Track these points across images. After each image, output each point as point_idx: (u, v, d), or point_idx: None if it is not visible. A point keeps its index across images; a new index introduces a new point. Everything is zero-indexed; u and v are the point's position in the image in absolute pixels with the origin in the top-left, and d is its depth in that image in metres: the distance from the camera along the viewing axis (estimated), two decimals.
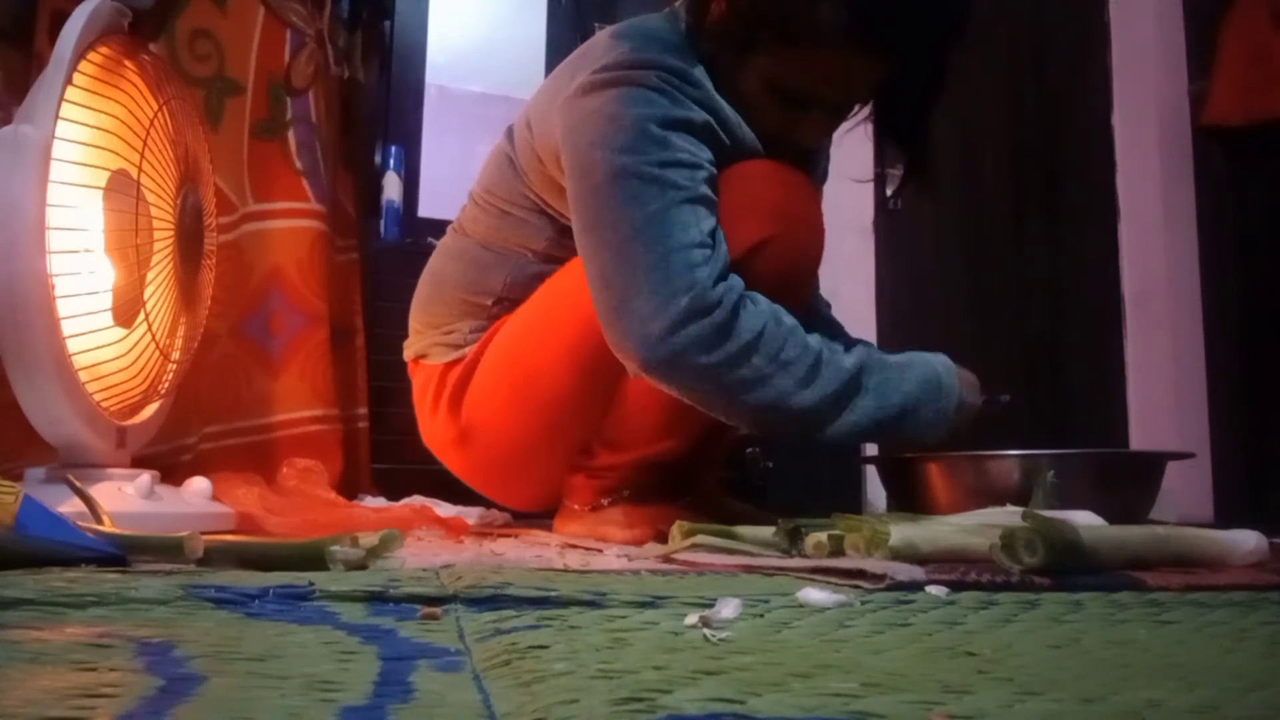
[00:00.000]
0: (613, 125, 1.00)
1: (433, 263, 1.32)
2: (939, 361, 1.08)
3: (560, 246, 1.17)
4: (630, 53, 1.04)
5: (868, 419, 1.01)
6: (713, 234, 0.98)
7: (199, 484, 1.21)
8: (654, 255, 0.95)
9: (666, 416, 1.11)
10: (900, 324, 2.45)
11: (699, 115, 1.02)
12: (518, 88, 2.55)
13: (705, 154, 1.01)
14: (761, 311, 0.98)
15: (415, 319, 1.31)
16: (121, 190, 1.10)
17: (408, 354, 1.31)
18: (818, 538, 0.81)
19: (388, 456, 1.93)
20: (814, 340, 1.00)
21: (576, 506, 1.19)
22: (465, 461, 1.26)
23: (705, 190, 0.99)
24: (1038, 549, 0.69)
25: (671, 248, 0.95)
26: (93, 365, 1.08)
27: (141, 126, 1.12)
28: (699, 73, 1.04)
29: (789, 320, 1.00)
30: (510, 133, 1.23)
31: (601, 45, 1.08)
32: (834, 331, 1.29)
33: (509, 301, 1.21)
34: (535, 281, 1.19)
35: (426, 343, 1.27)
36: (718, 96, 1.05)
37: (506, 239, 1.22)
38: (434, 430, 1.27)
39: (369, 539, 0.75)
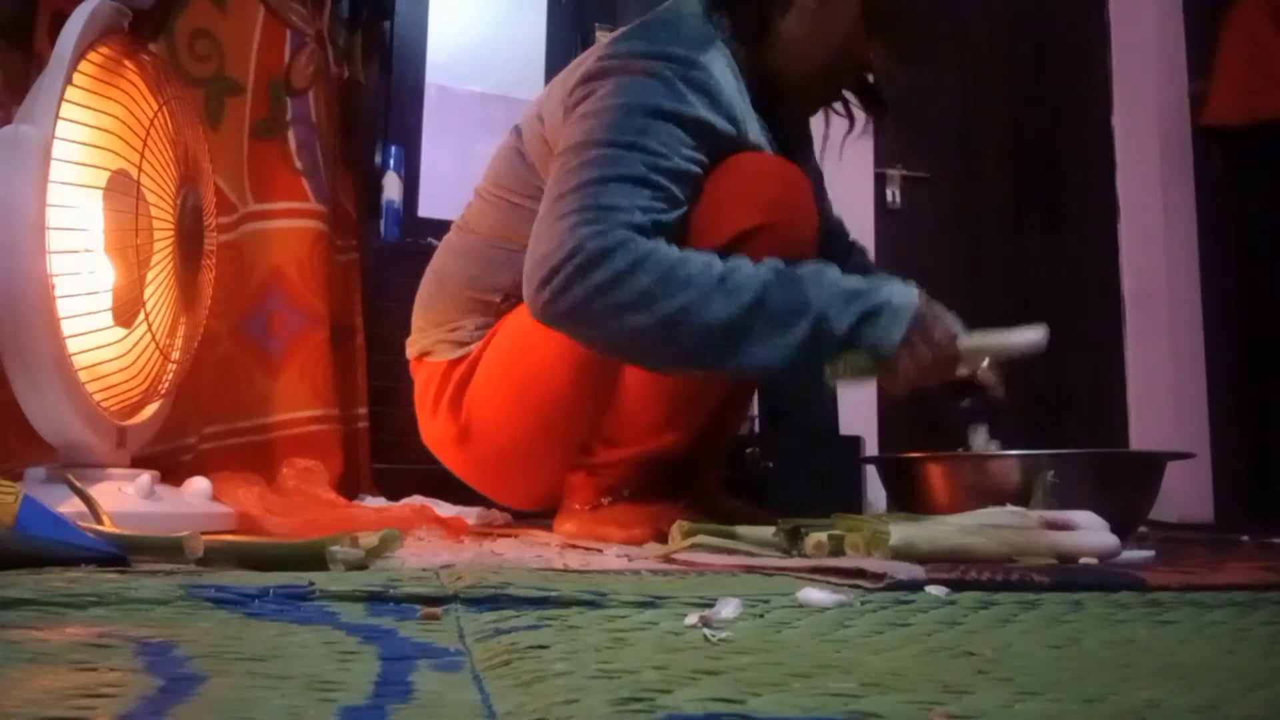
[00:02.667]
0: (601, 105, 1.04)
1: (436, 260, 1.32)
2: (898, 287, 1.02)
3: None
4: (638, 41, 1.08)
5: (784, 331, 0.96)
6: (647, 213, 0.98)
7: (199, 484, 1.21)
8: (569, 210, 0.98)
9: (663, 410, 1.12)
10: None
11: (690, 110, 1.04)
12: (518, 88, 2.55)
13: (683, 147, 1.03)
14: (652, 246, 0.97)
15: (419, 317, 1.30)
16: (121, 190, 1.10)
17: (410, 352, 1.31)
18: (818, 538, 0.81)
19: (388, 456, 1.92)
20: (724, 262, 0.98)
21: (577, 506, 1.19)
22: (464, 460, 1.26)
23: (659, 179, 1.00)
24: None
25: (588, 206, 0.97)
26: (93, 365, 1.08)
27: (141, 126, 1.12)
28: (710, 56, 1.07)
29: (695, 255, 0.98)
30: (518, 130, 1.24)
31: (618, 34, 1.13)
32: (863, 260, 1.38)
33: (517, 298, 1.20)
34: None
35: (430, 340, 1.27)
36: (723, 78, 1.07)
37: (515, 233, 1.22)
38: (434, 429, 1.27)
39: (369, 539, 0.75)
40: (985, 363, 1.07)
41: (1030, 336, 1.06)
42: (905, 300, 1.01)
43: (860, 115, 1.34)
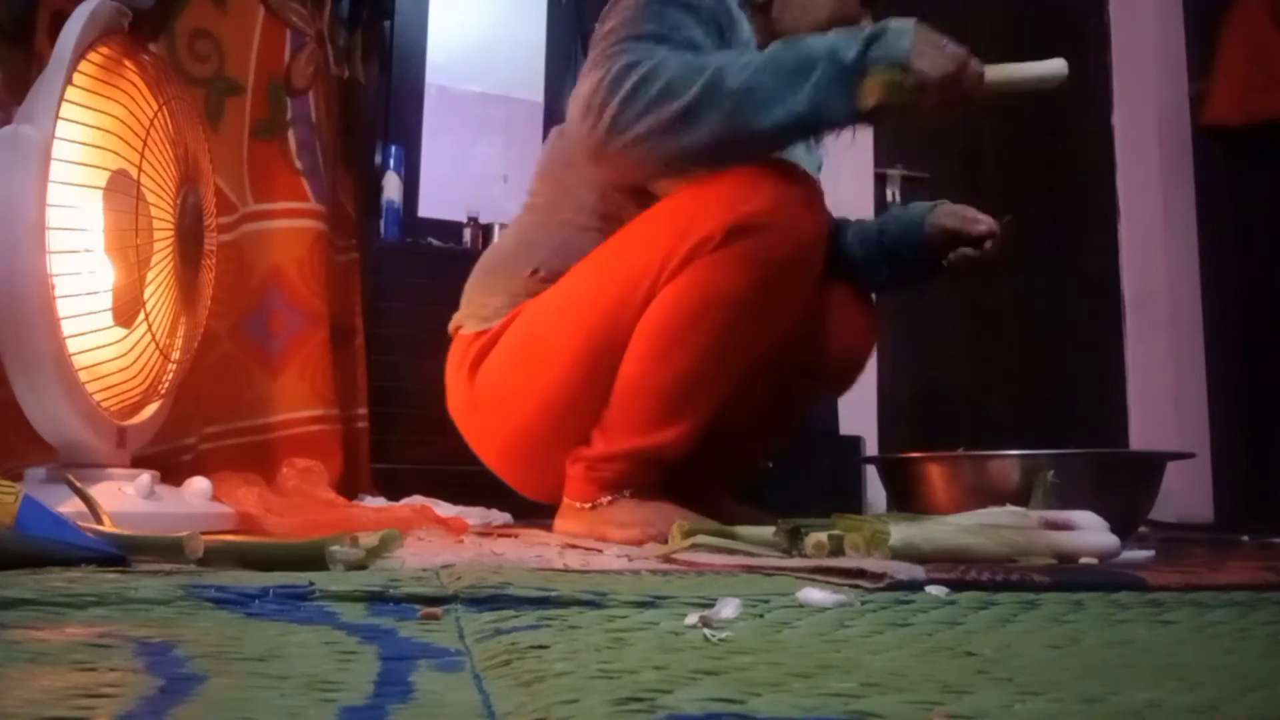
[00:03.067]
0: (620, 7, 1.14)
1: (494, 244, 1.41)
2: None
3: (609, 197, 1.23)
4: None
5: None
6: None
7: (199, 484, 1.21)
8: (593, 66, 1.09)
9: (658, 405, 1.13)
10: (901, 323, 2.45)
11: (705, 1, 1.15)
12: (518, 88, 2.55)
13: (694, 30, 1.12)
14: (665, 54, 1.07)
15: (464, 295, 1.35)
16: (121, 190, 1.10)
17: (450, 327, 1.35)
18: (818, 538, 0.81)
19: (388, 456, 1.93)
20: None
21: (577, 504, 1.19)
22: (475, 431, 1.31)
23: (675, 40, 1.10)
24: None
25: (609, 55, 1.08)
26: (93, 365, 1.08)
27: (141, 126, 1.12)
28: None
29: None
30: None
31: None
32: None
33: (547, 273, 1.24)
34: (578, 255, 1.22)
35: (464, 314, 1.32)
36: (733, 7, 1.19)
37: (555, 206, 1.27)
38: (453, 396, 1.32)
39: (369, 539, 0.75)
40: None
41: (1051, 68, 1.09)
42: (904, 20, 1.06)
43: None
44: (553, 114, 2.60)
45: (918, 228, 1.36)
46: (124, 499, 1.05)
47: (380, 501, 1.58)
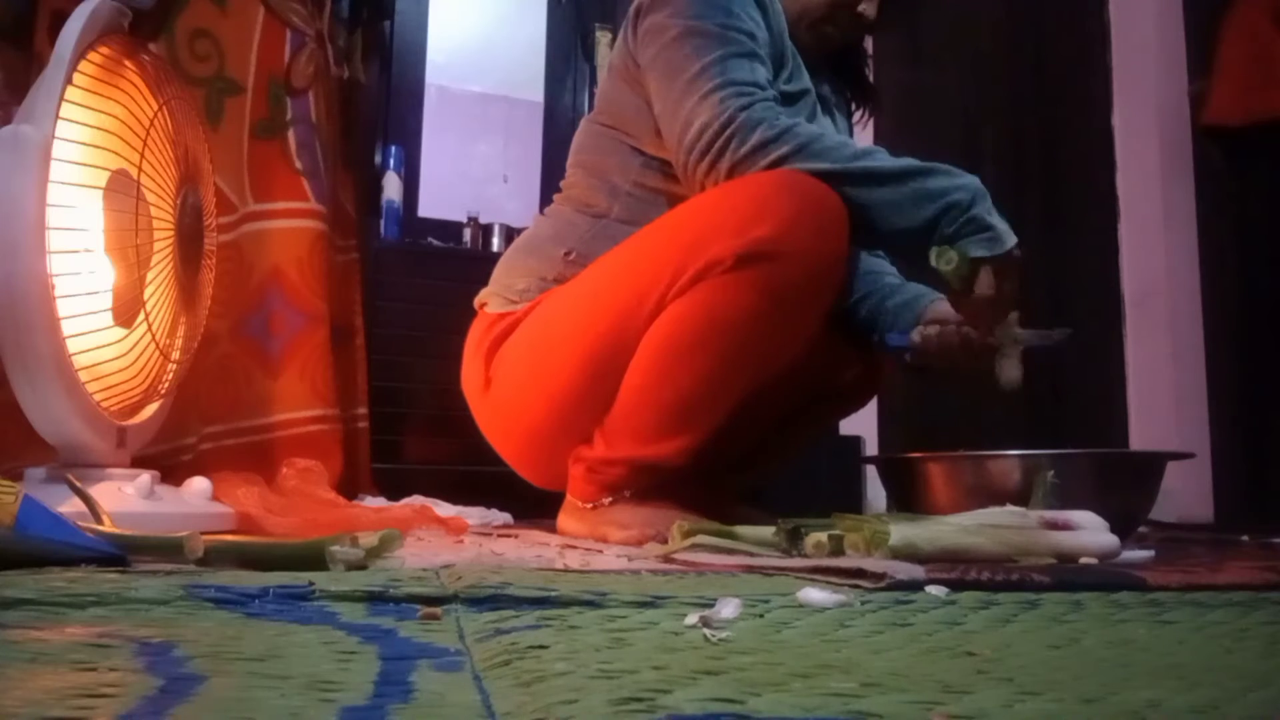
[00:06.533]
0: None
1: (530, 228, 1.40)
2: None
3: (642, 185, 1.25)
4: None
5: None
6: (762, 84, 1.13)
7: (199, 484, 1.21)
8: (711, 88, 1.11)
9: (656, 420, 1.12)
10: None
11: None
12: (518, 88, 2.55)
13: (763, 28, 1.18)
14: (793, 120, 1.10)
15: (495, 271, 1.35)
16: (121, 190, 1.10)
17: (476, 301, 1.35)
18: (818, 538, 0.81)
19: (388, 456, 1.93)
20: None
21: (579, 504, 1.19)
22: (484, 413, 1.31)
23: (760, 52, 1.15)
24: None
25: (727, 82, 1.11)
26: (93, 365, 1.08)
27: (141, 126, 1.12)
28: None
29: (831, 133, 1.15)
30: (590, 113, 1.35)
31: None
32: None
33: (578, 256, 1.24)
34: (608, 243, 1.22)
35: (491, 291, 1.32)
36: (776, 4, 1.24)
37: (593, 195, 1.27)
38: (470, 374, 1.31)
39: (369, 539, 0.75)
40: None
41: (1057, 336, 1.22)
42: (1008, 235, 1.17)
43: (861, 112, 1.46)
44: (553, 114, 2.60)
45: (901, 331, 1.31)
46: (124, 499, 1.05)
47: (380, 501, 1.58)
